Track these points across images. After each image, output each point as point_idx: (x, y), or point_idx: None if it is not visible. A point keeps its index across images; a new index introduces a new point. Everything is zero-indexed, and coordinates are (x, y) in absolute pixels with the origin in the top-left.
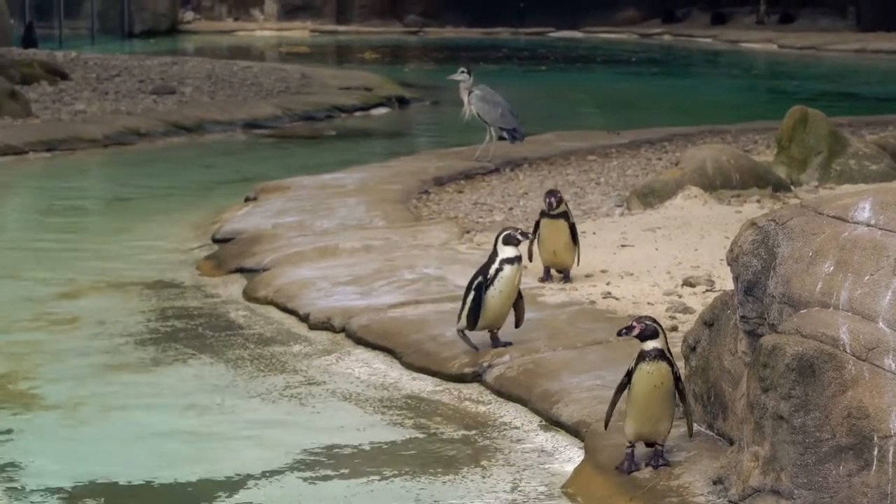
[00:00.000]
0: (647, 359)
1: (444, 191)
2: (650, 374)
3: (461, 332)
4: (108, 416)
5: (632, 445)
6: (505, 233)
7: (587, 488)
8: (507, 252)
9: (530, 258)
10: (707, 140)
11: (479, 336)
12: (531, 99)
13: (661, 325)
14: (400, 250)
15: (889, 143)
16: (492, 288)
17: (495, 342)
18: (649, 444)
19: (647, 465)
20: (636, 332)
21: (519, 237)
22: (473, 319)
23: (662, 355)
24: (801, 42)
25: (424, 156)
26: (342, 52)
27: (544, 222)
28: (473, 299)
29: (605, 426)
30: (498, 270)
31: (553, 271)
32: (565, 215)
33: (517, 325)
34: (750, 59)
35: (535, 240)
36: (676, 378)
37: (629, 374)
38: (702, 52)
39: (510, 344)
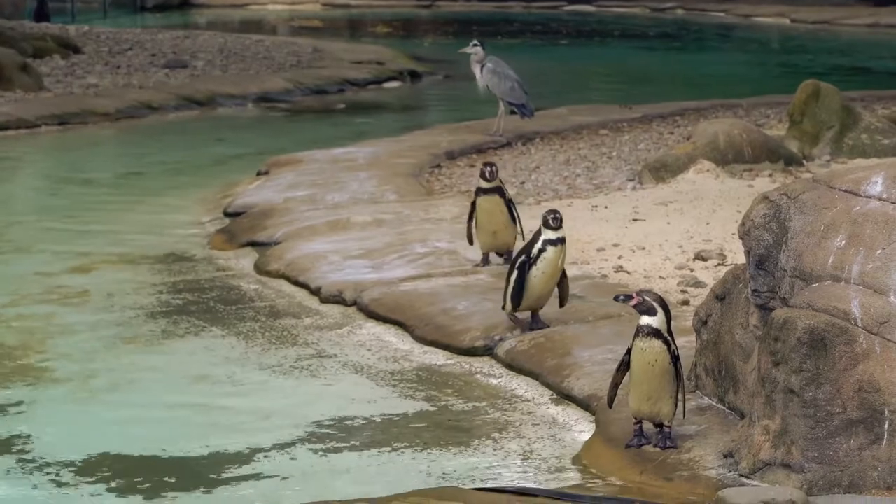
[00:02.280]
0: (641, 335)
1: (455, 165)
2: (643, 352)
3: (510, 315)
4: (119, 388)
5: (639, 421)
6: (550, 215)
7: (598, 461)
8: (549, 233)
9: (470, 242)
10: (719, 114)
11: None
12: (544, 73)
13: (665, 304)
14: (411, 224)
15: None
16: (534, 268)
17: (535, 323)
18: (656, 425)
19: (654, 445)
20: (633, 303)
21: (558, 219)
22: (517, 300)
23: (658, 334)
24: (813, 16)
25: (436, 130)
26: (354, 25)
27: (480, 201)
28: (517, 279)
29: (610, 405)
30: (541, 251)
31: (492, 255)
32: (500, 190)
33: (561, 304)
34: (762, 32)
35: (473, 223)
36: (674, 357)
37: (629, 351)
38: (714, 25)
39: (548, 326)
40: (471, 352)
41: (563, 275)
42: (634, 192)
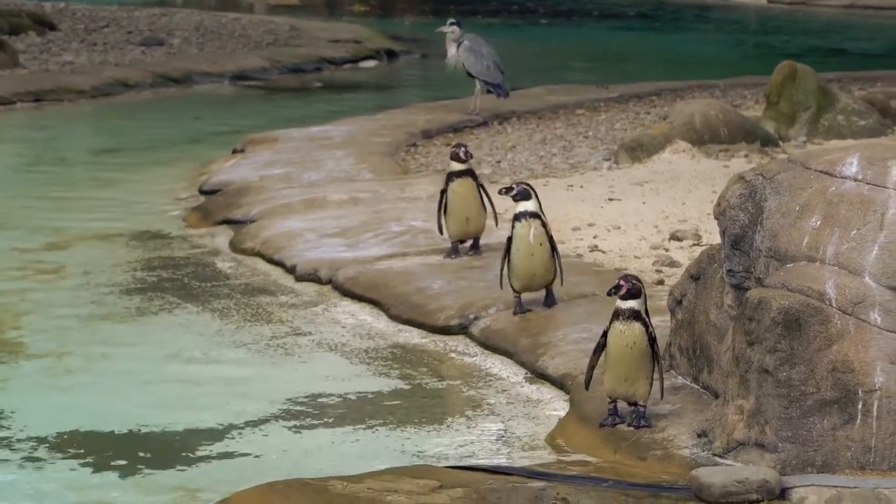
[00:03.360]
0: (621, 318)
1: (432, 144)
2: (622, 334)
3: (515, 297)
4: (94, 365)
5: (613, 401)
6: (513, 189)
7: (572, 440)
8: (517, 207)
9: (440, 230)
10: (696, 95)
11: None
12: (521, 52)
13: (642, 285)
14: (387, 203)
15: (877, 99)
16: (512, 248)
17: (548, 299)
18: (631, 403)
19: (628, 424)
20: (623, 291)
21: (511, 188)
22: (508, 280)
23: (637, 316)
24: None
25: (413, 109)
26: (331, 4)
27: (454, 185)
28: (502, 258)
29: (587, 387)
30: (512, 229)
31: (460, 244)
32: (472, 173)
33: (560, 282)
34: (740, 14)
35: (443, 209)
36: (651, 339)
37: (605, 333)
38: (692, 6)
39: (554, 304)
40: (445, 330)
41: (555, 248)
42: (610, 171)
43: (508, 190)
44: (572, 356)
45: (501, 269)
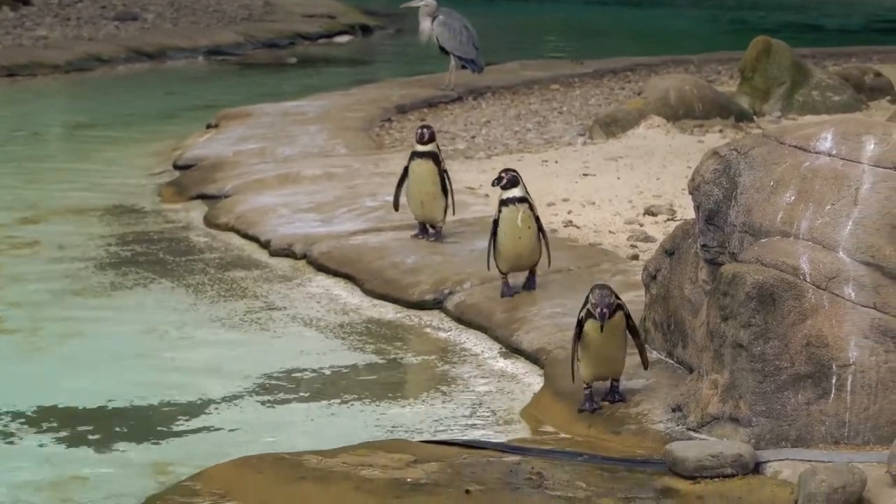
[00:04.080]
0: (509, 204)
1: (406, 119)
2: (601, 329)
3: (501, 279)
4: (68, 340)
5: (589, 386)
6: (502, 179)
7: (547, 414)
8: (504, 193)
9: (396, 208)
10: (670, 70)
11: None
12: (496, 27)
13: (621, 301)
14: (361, 178)
15: (852, 75)
16: (499, 231)
17: (529, 282)
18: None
19: (603, 399)
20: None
21: (501, 178)
22: (496, 262)
23: (617, 307)
24: None
25: (387, 84)
26: None
27: (413, 165)
28: (489, 241)
29: (574, 380)
30: (499, 213)
31: (429, 226)
32: (435, 157)
33: (548, 263)
34: None
35: (402, 188)
36: (627, 317)
37: (580, 324)
38: None
39: (534, 289)
40: (420, 305)
41: (543, 233)
42: (585, 147)
43: (499, 180)
44: (547, 331)
45: (489, 252)
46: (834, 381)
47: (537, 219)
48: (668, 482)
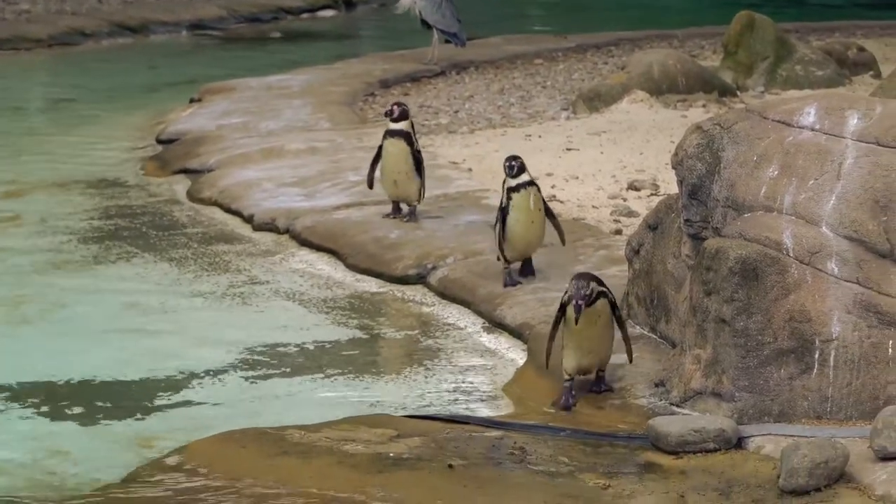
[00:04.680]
0: (391, 137)
1: (389, 93)
2: (585, 314)
3: (504, 268)
4: (51, 314)
5: (571, 379)
6: (506, 163)
7: (529, 389)
8: (510, 181)
9: (370, 186)
10: (654, 44)
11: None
12: (479, 1)
13: (606, 289)
14: (345, 152)
15: (835, 49)
16: (509, 217)
17: (527, 269)
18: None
19: (590, 390)
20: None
21: (513, 167)
22: (501, 249)
23: (601, 293)
24: None
25: (370, 58)
26: None
27: (386, 143)
28: (498, 229)
29: (546, 365)
30: (508, 200)
31: (402, 205)
32: (408, 137)
33: (562, 242)
34: None
35: (376, 166)
36: (613, 305)
37: (562, 308)
38: None
39: (533, 275)
40: (403, 280)
41: (550, 213)
42: (568, 121)
43: (510, 169)
44: (530, 306)
45: (499, 242)
46: (817, 356)
47: (544, 201)
48: (651, 457)
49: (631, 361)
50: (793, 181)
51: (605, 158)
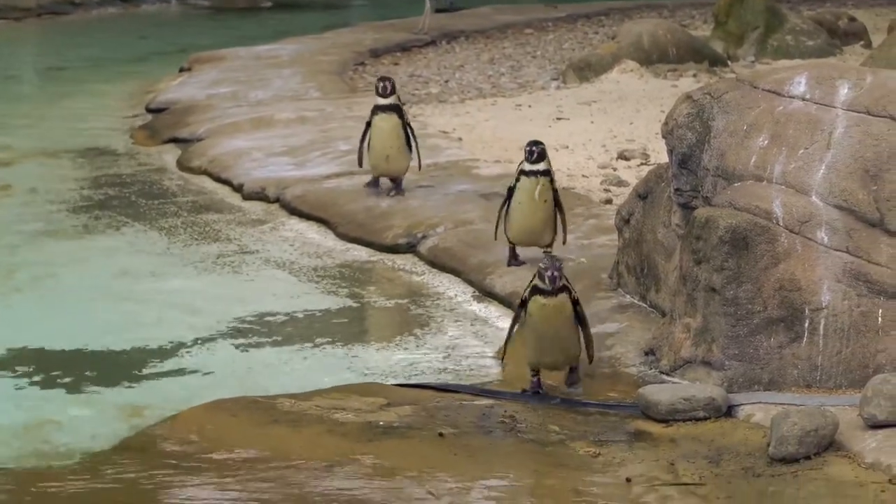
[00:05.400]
0: (545, 294)
1: (380, 63)
2: (545, 307)
3: (509, 245)
4: (41, 283)
5: (536, 373)
6: (527, 147)
7: (520, 358)
8: (525, 164)
9: (360, 164)
10: (644, 14)
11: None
12: None
13: (570, 285)
14: (335, 121)
15: (826, 20)
16: (513, 198)
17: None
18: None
19: (566, 384)
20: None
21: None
22: (504, 229)
23: (563, 287)
24: None
25: (361, 28)
26: None
27: (376, 119)
28: (502, 208)
29: (502, 359)
30: (517, 181)
31: (383, 180)
32: (398, 110)
33: (563, 240)
34: None
35: (365, 143)
36: (574, 302)
37: (523, 303)
38: None
39: (523, 264)
40: (393, 249)
41: (560, 209)
42: (558, 91)
43: (531, 154)
44: (520, 275)
45: (497, 221)
46: (806, 324)
47: (556, 193)
48: (641, 425)
49: (591, 362)
50: (783, 150)
51: (595, 128)
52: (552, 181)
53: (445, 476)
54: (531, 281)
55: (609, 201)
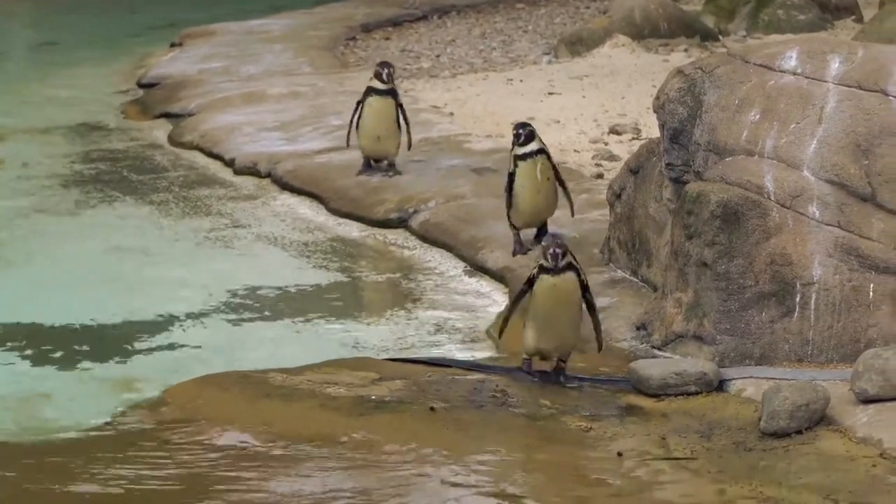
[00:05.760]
0: (552, 272)
1: (371, 38)
2: (554, 288)
3: (514, 234)
4: (33, 258)
5: (529, 359)
6: (514, 131)
7: (511, 332)
8: (517, 149)
9: (347, 142)
10: None
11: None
12: None
13: (578, 265)
14: (326, 96)
15: None
16: (516, 184)
17: (541, 235)
18: (559, 359)
19: (554, 382)
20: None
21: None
22: (508, 216)
23: (570, 266)
24: None
25: (352, 2)
26: None
27: (371, 100)
28: (506, 195)
29: (499, 335)
30: (515, 167)
31: (373, 162)
32: (394, 93)
33: (572, 213)
34: None
35: (356, 123)
36: (584, 287)
37: (530, 281)
38: None
39: (530, 250)
40: (385, 224)
41: (563, 185)
42: (550, 65)
43: (517, 137)
44: (512, 250)
45: (509, 211)
46: (798, 299)
47: (555, 168)
48: (632, 400)
49: (600, 350)
50: (774, 125)
51: (586, 103)
52: (549, 157)
53: (436, 450)
54: (537, 260)
55: (600, 176)
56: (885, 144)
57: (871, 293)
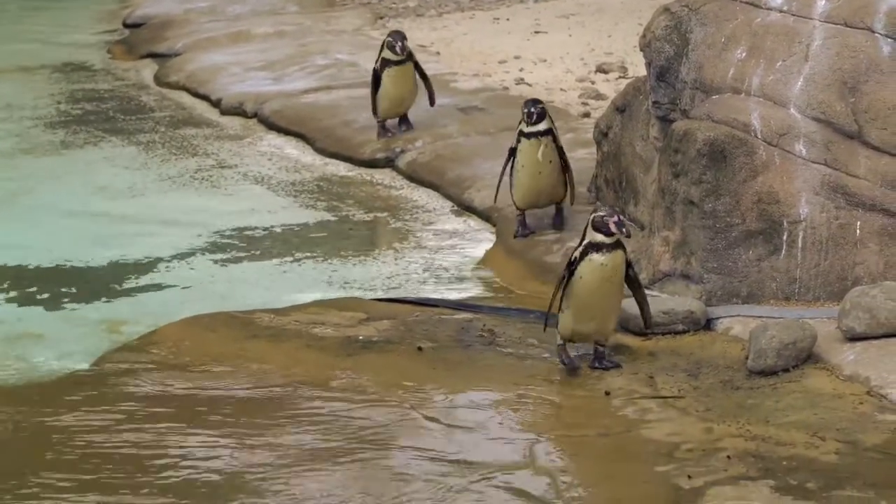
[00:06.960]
0: (602, 250)
1: None
2: (603, 267)
3: (517, 216)
4: (18, 199)
5: (564, 343)
6: (525, 109)
7: (499, 269)
8: (523, 126)
9: (375, 113)
10: None
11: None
12: None
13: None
14: (312, 36)
15: None
16: (516, 162)
17: (557, 219)
18: (599, 344)
19: (590, 366)
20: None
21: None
22: (511, 194)
23: (618, 244)
24: None
25: None
26: None
27: (390, 70)
28: (503, 171)
29: (544, 328)
30: (518, 143)
31: (389, 122)
32: (413, 60)
33: (571, 201)
34: None
35: (377, 94)
36: (628, 265)
37: (571, 265)
38: None
39: (532, 233)
40: (372, 163)
41: (567, 168)
42: (536, 4)
43: (529, 116)
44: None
45: (499, 184)
46: (785, 237)
47: (561, 151)
48: (620, 339)
49: (648, 327)
50: (761, 63)
51: (573, 41)
52: (555, 139)
53: (424, 389)
54: (581, 240)
55: (587, 115)
56: (872, 82)
57: (857, 231)
